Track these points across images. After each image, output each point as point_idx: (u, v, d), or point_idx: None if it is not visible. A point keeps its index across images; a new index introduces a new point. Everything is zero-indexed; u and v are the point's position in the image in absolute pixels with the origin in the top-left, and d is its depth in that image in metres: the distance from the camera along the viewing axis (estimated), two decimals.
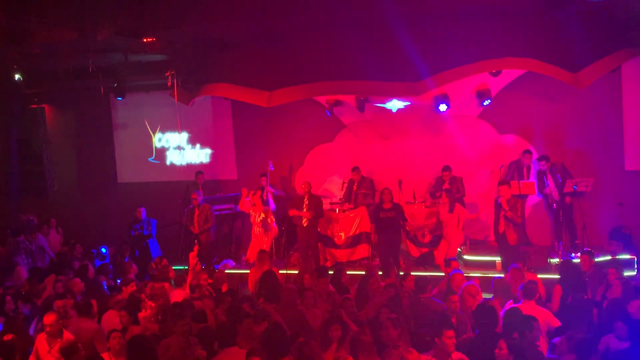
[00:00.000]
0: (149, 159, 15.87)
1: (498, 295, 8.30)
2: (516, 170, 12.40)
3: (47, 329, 7.22)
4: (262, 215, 12.41)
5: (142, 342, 6.51)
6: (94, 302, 8.30)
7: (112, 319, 8.11)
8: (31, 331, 8.34)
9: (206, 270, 10.26)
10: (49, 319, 7.26)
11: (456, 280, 8.76)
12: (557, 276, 9.43)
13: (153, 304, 8.58)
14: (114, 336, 6.80)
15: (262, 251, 11.15)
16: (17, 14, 9.35)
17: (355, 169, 13.24)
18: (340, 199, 13.21)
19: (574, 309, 7.56)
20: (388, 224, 11.79)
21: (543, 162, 12.04)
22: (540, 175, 12.12)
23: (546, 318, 7.54)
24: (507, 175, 12.42)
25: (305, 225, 12.15)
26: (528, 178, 12.28)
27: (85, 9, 9.79)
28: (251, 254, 12.19)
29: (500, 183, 10.95)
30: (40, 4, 9.47)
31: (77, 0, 9.77)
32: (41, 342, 7.30)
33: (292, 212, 12.32)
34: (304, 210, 12.13)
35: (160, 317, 8.10)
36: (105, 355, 6.79)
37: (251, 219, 12.55)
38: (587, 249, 10.12)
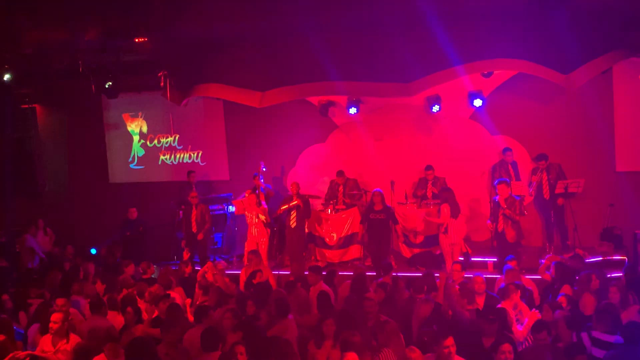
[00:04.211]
0: (131, 165, 15.86)
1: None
2: (504, 171, 12.43)
3: (53, 325, 7.16)
4: (262, 216, 12.32)
5: (142, 345, 6.44)
6: None
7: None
8: None
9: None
10: (56, 316, 7.22)
11: (477, 282, 8.66)
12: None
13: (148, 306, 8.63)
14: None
15: (253, 251, 11.18)
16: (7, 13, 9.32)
17: (339, 173, 13.21)
18: (323, 203, 13.22)
19: None
20: (378, 225, 11.90)
21: (543, 162, 12.09)
22: (536, 172, 12.20)
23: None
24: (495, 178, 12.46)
25: (293, 226, 12.19)
26: (516, 176, 12.30)
27: (75, 9, 9.74)
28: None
29: (499, 182, 10.98)
30: (31, 4, 9.43)
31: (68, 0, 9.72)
32: (46, 342, 7.24)
33: (280, 210, 12.40)
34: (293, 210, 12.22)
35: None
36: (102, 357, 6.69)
37: (247, 220, 12.51)
38: (578, 250, 10.20)
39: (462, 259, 11.16)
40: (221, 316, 7.64)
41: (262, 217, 12.21)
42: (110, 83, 12.88)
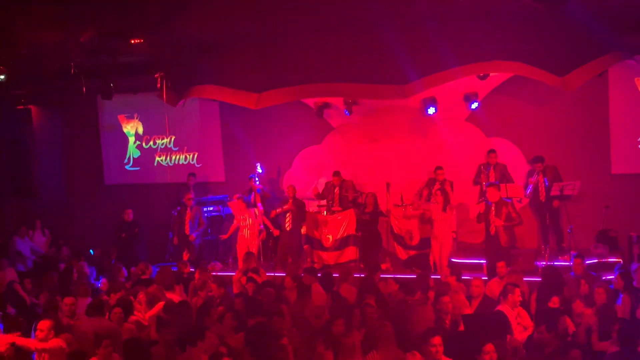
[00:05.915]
0: (126, 167, 15.83)
1: None
2: (484, 175, 12.41)
3: (39, 333, 6.98)
4: (250, 221, 12.33)
5: (137, 345, 6.40)
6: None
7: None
8: None
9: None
10: (43, 324, 7.03)
11: (473, 284, 8.64)
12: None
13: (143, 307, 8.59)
14: (105, 344, 6.51)
15: (248, 253, 11.17)
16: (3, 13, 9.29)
17: (336, 173, 13.24)
18: (318, 205, 13.23)
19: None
20: (365, 226, 12.21)
21: (539, 164, 12.09)
22: (532, 174, 12.20)
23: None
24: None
25: (288, 229, 12.25)
26: (495, 178, 12.26)
27: (71, 10, 9.71)
28: (239, 256, 12.16)
29: (489, 185, 10.96)
30: (26, 5, 9.40)
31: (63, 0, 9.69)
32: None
33: (273, 213, 12.52)
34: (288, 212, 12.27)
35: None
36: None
37: (239, 223, 12.53)
38: (574, 252, 10.19)
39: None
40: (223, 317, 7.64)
41: (250, 222, 12.21)
42: (112, 84, 12.88)
